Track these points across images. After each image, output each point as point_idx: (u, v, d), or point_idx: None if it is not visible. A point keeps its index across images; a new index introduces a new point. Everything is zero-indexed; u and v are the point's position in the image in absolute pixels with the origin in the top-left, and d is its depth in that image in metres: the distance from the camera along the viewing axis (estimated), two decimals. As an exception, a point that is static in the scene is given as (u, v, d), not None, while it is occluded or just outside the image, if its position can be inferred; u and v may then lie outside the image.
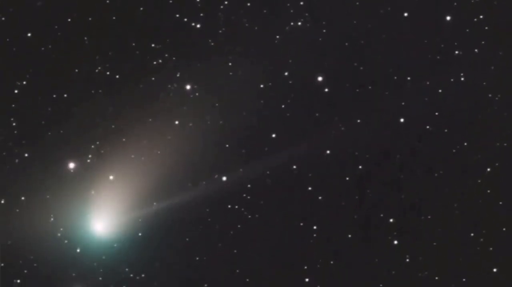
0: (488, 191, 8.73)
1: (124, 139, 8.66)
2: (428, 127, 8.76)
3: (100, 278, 8.59)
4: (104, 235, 8.56)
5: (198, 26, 8.76)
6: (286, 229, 8.73)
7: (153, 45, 8.72)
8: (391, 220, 8.72)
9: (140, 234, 8.61)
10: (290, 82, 8.75)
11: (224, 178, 8.70)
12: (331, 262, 8.71)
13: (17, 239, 8.51)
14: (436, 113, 8.76)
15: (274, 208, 8.71)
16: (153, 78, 8.70)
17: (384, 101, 8.77)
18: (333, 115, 8.76)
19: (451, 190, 8.75)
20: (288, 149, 8.72)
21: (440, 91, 8.76)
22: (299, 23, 8.77)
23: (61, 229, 8.57)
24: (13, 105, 8.58)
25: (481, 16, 8.78)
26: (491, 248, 8.69)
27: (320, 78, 8.74)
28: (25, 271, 8.52)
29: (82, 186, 8.61)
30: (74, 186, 8.61)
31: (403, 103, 8.76)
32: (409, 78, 8.78)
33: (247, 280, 8.69)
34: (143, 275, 8.64)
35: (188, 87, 8.71)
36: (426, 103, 8.76)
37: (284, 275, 8.71)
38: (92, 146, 8.65)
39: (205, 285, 8.68)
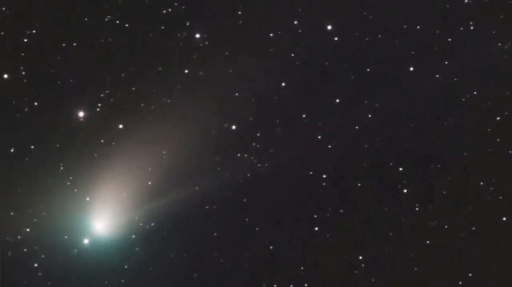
0: (498, 139, 8.74)
1: (133, 88, 8.65)
2: (437, 75, 8.75)
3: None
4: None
5: (208, -25, 8.76)
6: (296, 177, 8.73)
7: (162, -7, 8.72)
8: (400, 169, 8.73)
9: (149, 183, 8.61)
10: (300, 31, 8.74)
11: (234, 127, 8.70)
12: (341, 211, 8.71)
13: (26, 187, 8.51)
14: (446, 62, 8.75)
15: (283, 156, 8.71)
16: (162, 27, 8.69)
17: (393, 50, 8.77)
18: (343, 63, 8.76)
19: (461, 139, 8.75)
20: (298, 98, 8.72)
21: (449, 39, 8.76)
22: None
23: (71, 178, 8.57)
24: (23, 54, 8.56)
25: None
26: (500, 197, 8.70)
27: (329, 27, 8.73)
28: (35, 220, 8.52)
29: (92, 135, 8.61)
30: (84, 135, 8.60)
31: (412, 52, 8.76)
32: (418, 27, 8.77)
33: (257, 229, 8.69)
34: (152, 224, 8.64)
35: (197, 35, 8.70)
36: (436, 52, 8.75)
37: (293, 224, 8.72)
38: (102, 95, 8.63)
39: (215, 234, 8.68)
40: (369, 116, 8.73)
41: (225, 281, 8.69)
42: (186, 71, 8.68)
